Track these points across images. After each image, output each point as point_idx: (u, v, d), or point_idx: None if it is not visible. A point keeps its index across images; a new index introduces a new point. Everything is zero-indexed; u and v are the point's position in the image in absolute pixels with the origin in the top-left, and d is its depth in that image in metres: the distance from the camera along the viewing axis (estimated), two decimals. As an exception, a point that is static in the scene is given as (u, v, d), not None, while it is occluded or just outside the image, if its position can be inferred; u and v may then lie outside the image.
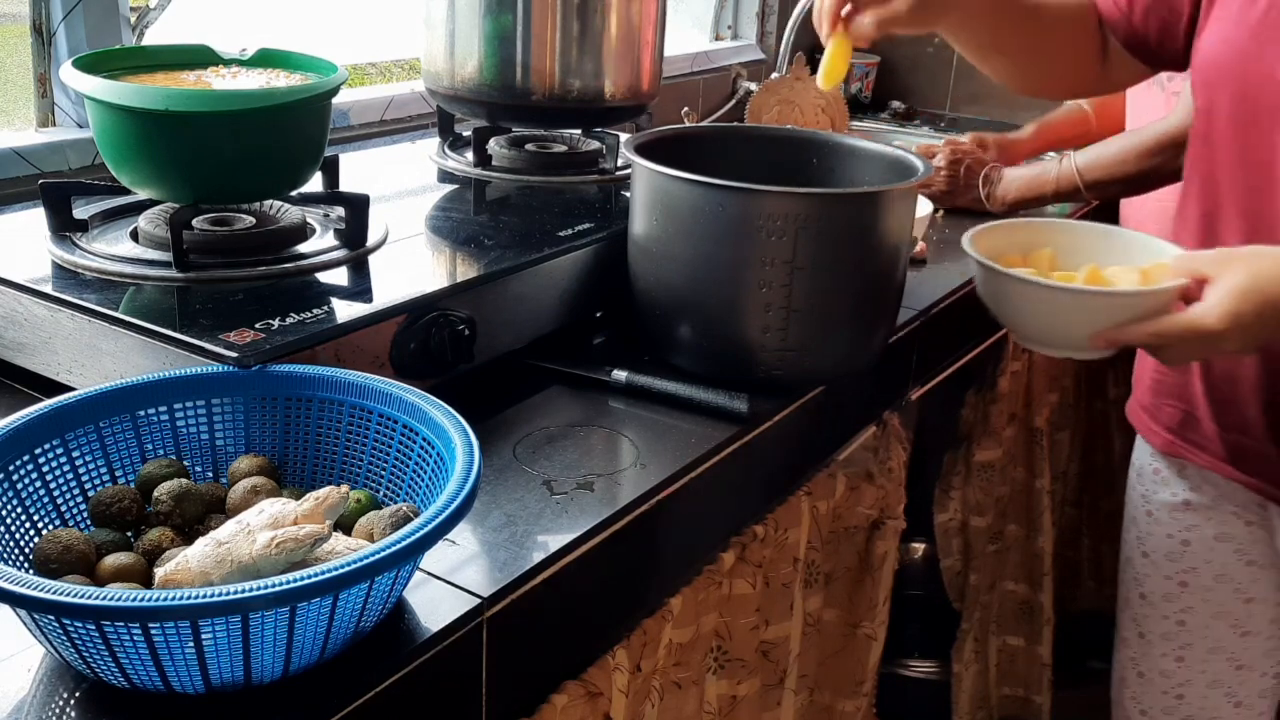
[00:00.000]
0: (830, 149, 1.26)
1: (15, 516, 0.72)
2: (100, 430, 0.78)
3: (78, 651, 0.62)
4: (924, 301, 1.36)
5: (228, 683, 0.63)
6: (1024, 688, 1.90)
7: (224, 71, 1.14)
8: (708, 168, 1.05)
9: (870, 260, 1.08)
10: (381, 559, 0.62)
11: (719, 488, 1.00)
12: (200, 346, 0.85)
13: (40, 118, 1.36)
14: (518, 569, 0.78)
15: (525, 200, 1.32)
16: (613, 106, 1.43)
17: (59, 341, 0.93)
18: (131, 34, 1.41)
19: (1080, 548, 2.20)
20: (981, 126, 2.52)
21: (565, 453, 0.95)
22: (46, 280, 0.97)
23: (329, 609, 0.63)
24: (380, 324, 0.94)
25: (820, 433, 1.17)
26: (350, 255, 1.07)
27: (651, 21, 1.43)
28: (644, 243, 1.10)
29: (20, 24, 1.35)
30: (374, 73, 1.98)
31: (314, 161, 1.10)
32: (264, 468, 0.80)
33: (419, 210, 1.26)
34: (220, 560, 0.65)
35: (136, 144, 1.01)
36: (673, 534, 0.96)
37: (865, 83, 2.68)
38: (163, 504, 0.75)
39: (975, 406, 1.65)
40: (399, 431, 0.80)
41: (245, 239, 1.06)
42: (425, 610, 0.73)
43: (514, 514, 0.86)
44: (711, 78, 2.34)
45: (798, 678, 1.19)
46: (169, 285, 0.97)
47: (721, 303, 1.06)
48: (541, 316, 1.11)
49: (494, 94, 1.38)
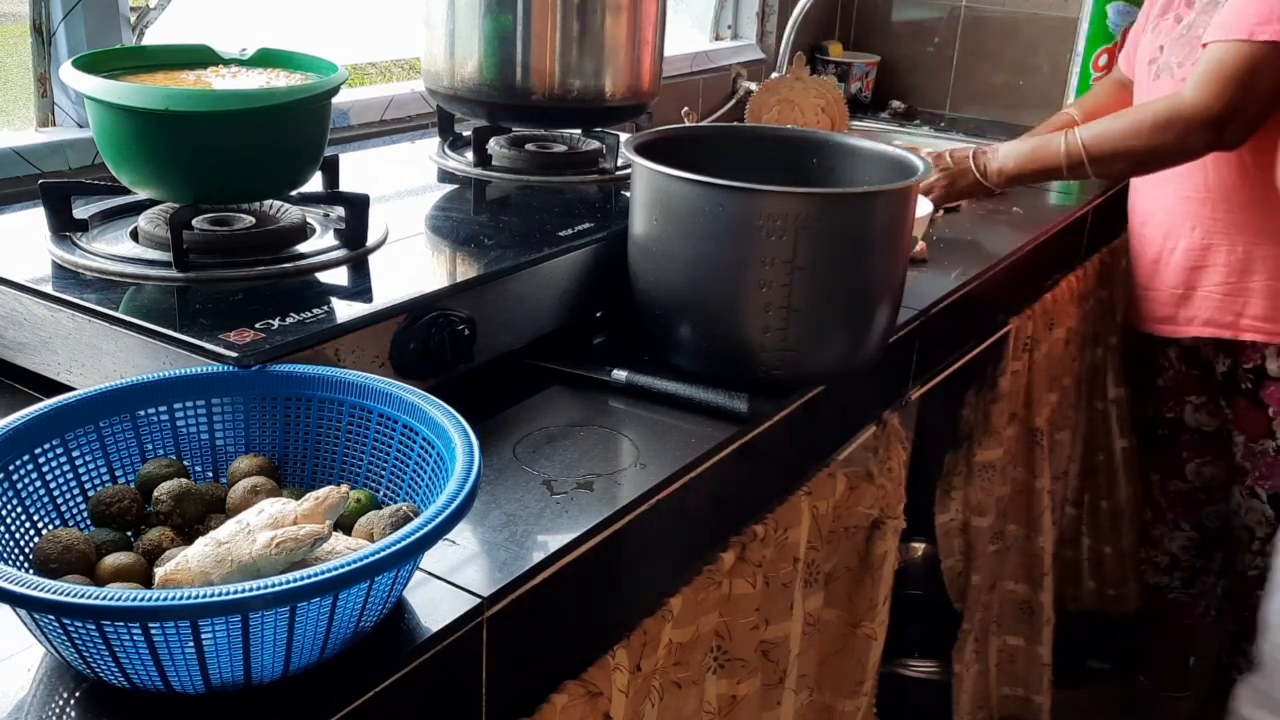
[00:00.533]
0: (830, 149, 1.26)
1: (15, 516, 0.72)
2: (100, 430, 0.78)
3: (78, 651, 0.62)
4: (924, 301, 1.36)
5: (228, 682, 0.63)
6: (1024, 688, 1.90)
7: (224, 71, 1.14)
8: (708, 168, 1.05)
9: (870, 260, 1.08)
10: (381, 559, 0.62)
11: (719, 488, 1.00)
12: (200, 346, 0.85)
13: (40, 117, 1.36)
14: (518, 569, 0.78)
15: (525, 200, 1.32)
16: (613, 106, 1.43)
17: (59, 341, 0.93)
18: (131, 34, 1.41)
19: (1080, 548, 2.20)
20: (982, 126, 2.53)
21: (565, 452, 0.95)
22: (46, 280, 0.97)
23: (329, 609, 0.63)
24: (380, 324, 0.94)
25: (820, 432, 1.17)
26: (350, 255, 1.07)
27: (651, 21, 1.43)
28: (644, 243, 1.10)
29: (20, 24, 1.35)
30: (374, 72, 1.98)
31: (314, 161, 1.10)
32: (264, 468, 0.80)
33: (419, 210, 1.26)
34: (220, 560, 0.65)
35: (136, 144, 1.01)
36: (673, 534, 0.96)
37: (865, 82, 2.68)
38: (163, 504, 0.75)
39: (975, 406, 1.65)
40: (399, 431, 0.80)
41: (245, 239, 1.06)
42: (425, 610, 0.73)
43: (514, 514, 0.86)
44: (711, 78, 2.34)
45: (798, 677, 1.19)
46: (169, 285, 0.97)
47: (721, 303, 1.06)
48: (541, 316, 1.11)
49: (494, 94, 1.38)
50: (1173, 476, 1.99)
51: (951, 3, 2.62)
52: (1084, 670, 2.16)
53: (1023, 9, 2.55)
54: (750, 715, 1.13)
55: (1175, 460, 1.97)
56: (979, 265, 1.53)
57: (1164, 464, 2.01)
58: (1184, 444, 1.95)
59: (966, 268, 1.50)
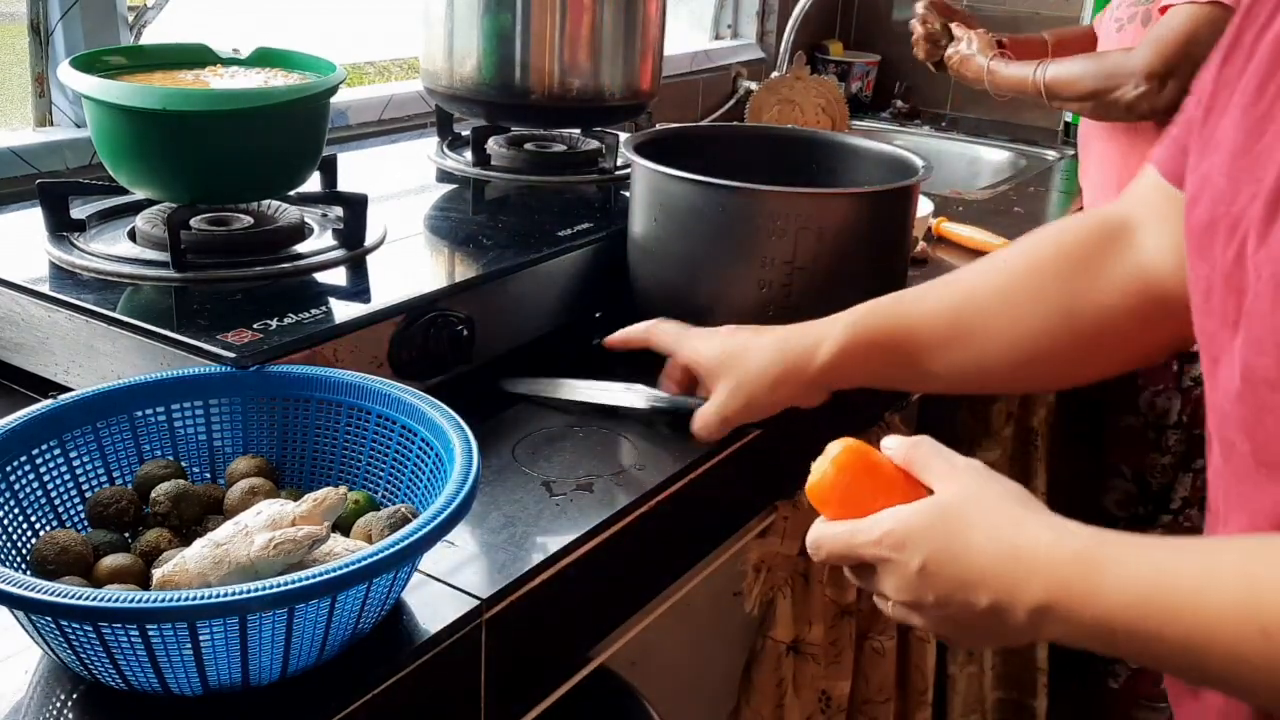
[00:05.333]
0: (830, 149, 1.26)
1: (13, 518, 0.71)
2: (98, 431, 0.77)
3: (75, 653, 0.61)
4: (924, 301, 1.35)
5: (225, 684, 0.63)
6: (1019, 691, 1.89)
7: (222, 71, 1.13)
8: (708, 168, 1.05)
9: (870, 260, 1.08)
10: (380, 560, 0.62)
11: (719, 489, 1.00)
12: (198, 347, 0.85)
13: (38, 117, 1.36)
14: (517, 570, 0.78)
15: (524, 200, 1.32)
16: (612, 106, 1.43)
17: (56, 342, 0.93)
18: (129, 33, 1.41)
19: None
20: (983, 126, 2.53)
21: (564, 454, 0.95)
22: (44, 280, 0.96)
23: (327, 610, 0.63)
24: (379, 324, 0.94)
25: (820, 433, 1.17)
26: (348, 255, 1.06)
27: (652, 21, 1.43)
28: (644, 242, 1.10)
29: (18, 23, 1.35)
30: (372, 72, 1.97)
31: (312, 161, 1.10)
32: (262, 469, 0.79)
33: (418, 210, 1.26)
34: (218, 561, 0.65)
35: (134, 143, 1.01)
36: (672, 535, 0.96)
37: (866, 82, 2.68)
38: (160, 505, 0.74)
39: (974, 408, 1.65)
40: (397, 432, 0.80)
41: (243, 239, 1.06)
42: (424, 612, 0.73)
43: (513, 515, 0.85)
44: (711, 77, 2.34)
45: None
46: (166, 285, 0.97)
47: (721, 303, 1.05)
48: (541, 317, 1.11)
49: (493, 93, 1.38)
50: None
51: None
52: (1079, 675, 2.15)
53: (1023, 8, 2.54)
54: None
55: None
56: (979, 265, 1.53)
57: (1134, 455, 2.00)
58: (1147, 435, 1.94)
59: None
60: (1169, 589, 0.58)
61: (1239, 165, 0.66)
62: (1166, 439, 1.81)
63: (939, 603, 0.65)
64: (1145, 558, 0.60)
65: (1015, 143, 2.38)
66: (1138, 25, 1.69)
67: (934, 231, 1.65)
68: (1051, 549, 0.62)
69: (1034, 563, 0.62)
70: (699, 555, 1.02)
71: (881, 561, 0.67)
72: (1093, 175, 1.84)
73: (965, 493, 0.67)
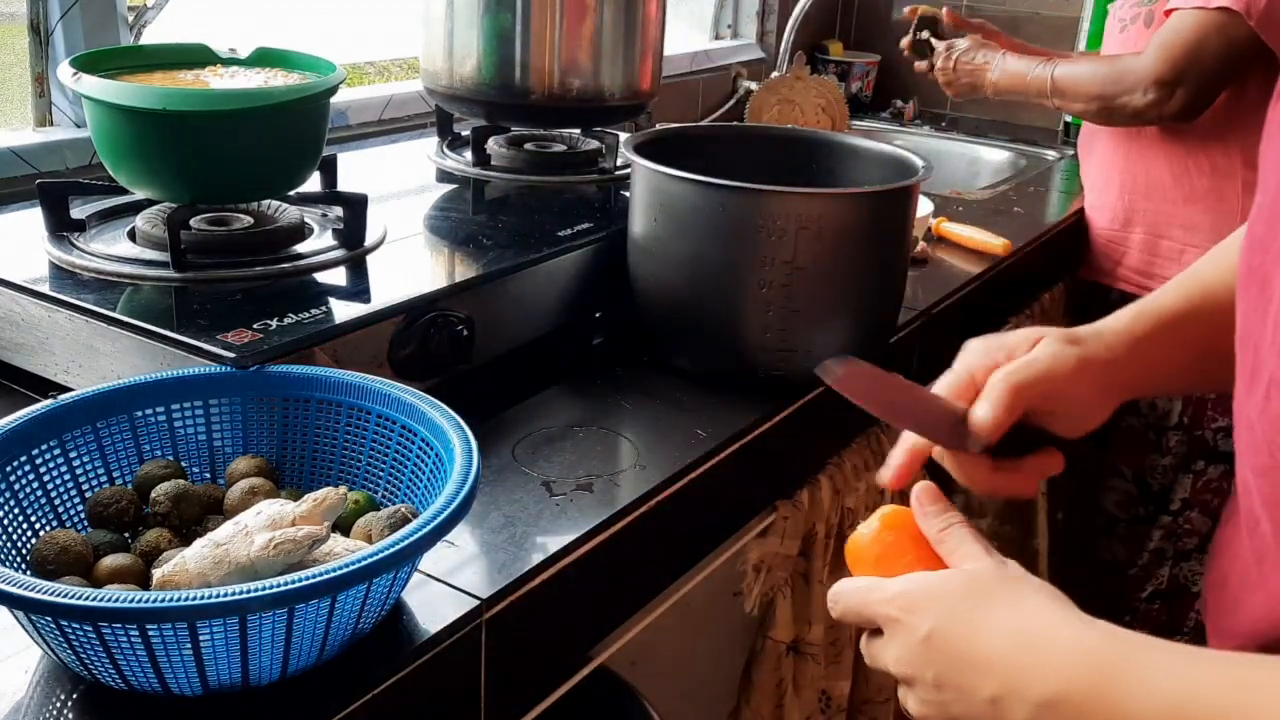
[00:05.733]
0: (830, 149, 1.26)
1: (13, 518, 0.71)
2: (98, 431, 0.77)
3: (75, 653, 0.61)
4: (924, 301, 1.36)
5: (225, 684, 0.63)
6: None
7: (222, 71, 1.13)
8: (707, 167, 1.05)
9: (870, 260, 1.08)
10: (380, 561, 0.62)
11: (719, 489, 1.00)
12: (198, 347, 0.85)
13: (38, 117, 1.36)
14: (517, 570, 0.78)
15: (524, 200, 1.32)
16: (612, 106, 1.43)
17: (56, 342, 0.93)
18: (129, 33, 1.41)
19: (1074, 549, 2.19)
20: (983, 126, 2.53)
21: (564, 453, 0.95)
22: (44, 280, 0.96)
23: (327, 611, 0.63)
24: (378, 324, 0.94)
25: (820, 433, 1.17)
26: (348, 255, 1.06)
27: (651, 21, 1.43)
28: (644, 242, 1.10)
29: (18, 23, 1.35)
30: (372, 71, 1.97)
31: (312, 161, 1.10)
32: (262, 469, 0.79)
33: (417, 210, 1.26)
34: (218, 562, 0.65)
35: (134, 143, 1.00)
36: (672, 535, 0.96)
37: (866, 82, 2.68)
38: (160, 505, 0.74)
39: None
40: (397, 432, 0.80)
41: (243, 239, 1.06)
42: (424, 612, 0.73)
43: (513, 515, 0.85)
44: (711, 77, 2.34)
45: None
46: (166, 285, 0.97)
47: (721, 303, 1.05)
48: (541, 317, 1.11)
49: (493, 93, 1.37)
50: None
51: (952, 2, 2.61)
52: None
53: (1023, 8, 2.54)
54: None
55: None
56: (979, 265, 1.53)
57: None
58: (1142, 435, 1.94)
59: (966, 268, 1.50)
60: (1201, 701, 0.53)
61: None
62: (1167, 440, 1.80)
63: (936, 683, 0.60)
64: (1173, 666, 0.54)
65: (1015, 143, 2.38)
66: (1140, 26, 1.69)
67: (934, 231, 1.65)
68: (1073, 641, 0.56)
69: (1049, 655, 0.56)
70: (699, 555, 1.02)
71: (890, 623, 0.62)
72: (1094, 176, 1.85)
73: (999, 574, 0.62)
